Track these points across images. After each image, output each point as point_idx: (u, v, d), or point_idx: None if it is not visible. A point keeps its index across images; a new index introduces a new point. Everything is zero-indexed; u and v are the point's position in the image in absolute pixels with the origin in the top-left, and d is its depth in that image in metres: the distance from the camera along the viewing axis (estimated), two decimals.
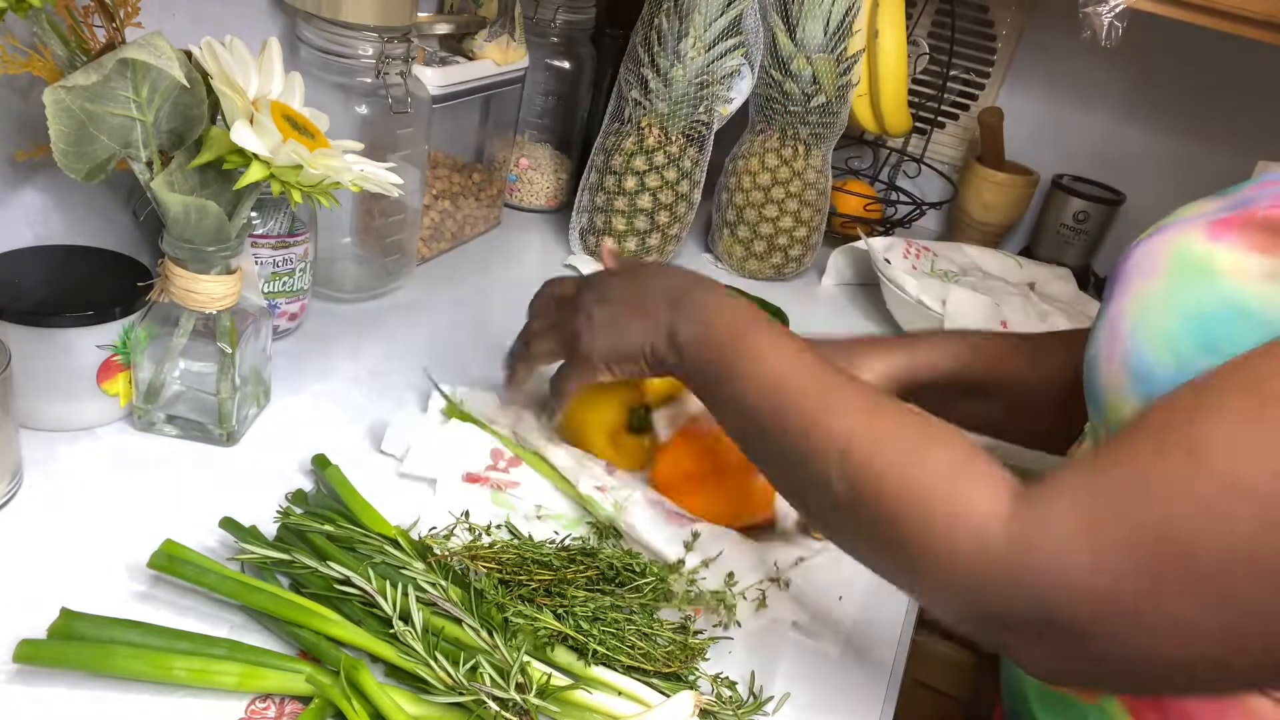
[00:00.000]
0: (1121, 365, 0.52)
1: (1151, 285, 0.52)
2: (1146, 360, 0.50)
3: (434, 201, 1.09)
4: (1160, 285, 0.52)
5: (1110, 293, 0.57)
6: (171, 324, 0.70)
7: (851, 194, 1.39)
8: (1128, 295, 0.54)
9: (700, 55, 1.08)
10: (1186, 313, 0.49)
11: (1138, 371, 0.50)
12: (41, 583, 0.59)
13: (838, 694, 0.63)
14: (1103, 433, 0.55)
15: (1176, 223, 0.56)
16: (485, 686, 0.53)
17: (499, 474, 0.75)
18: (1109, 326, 0.54)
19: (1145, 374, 0.50)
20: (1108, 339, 0.54)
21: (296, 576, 0.60)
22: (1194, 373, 0.46)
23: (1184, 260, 0.51)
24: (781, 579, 0.69)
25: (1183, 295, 0.50)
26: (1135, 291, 0.53)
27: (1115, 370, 0.52)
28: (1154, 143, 1.42)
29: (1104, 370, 0.53)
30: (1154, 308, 0.51)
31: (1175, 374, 0.48)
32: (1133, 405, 0.50)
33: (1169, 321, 0.49)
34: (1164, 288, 0.51)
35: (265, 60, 0.67)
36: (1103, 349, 0.54)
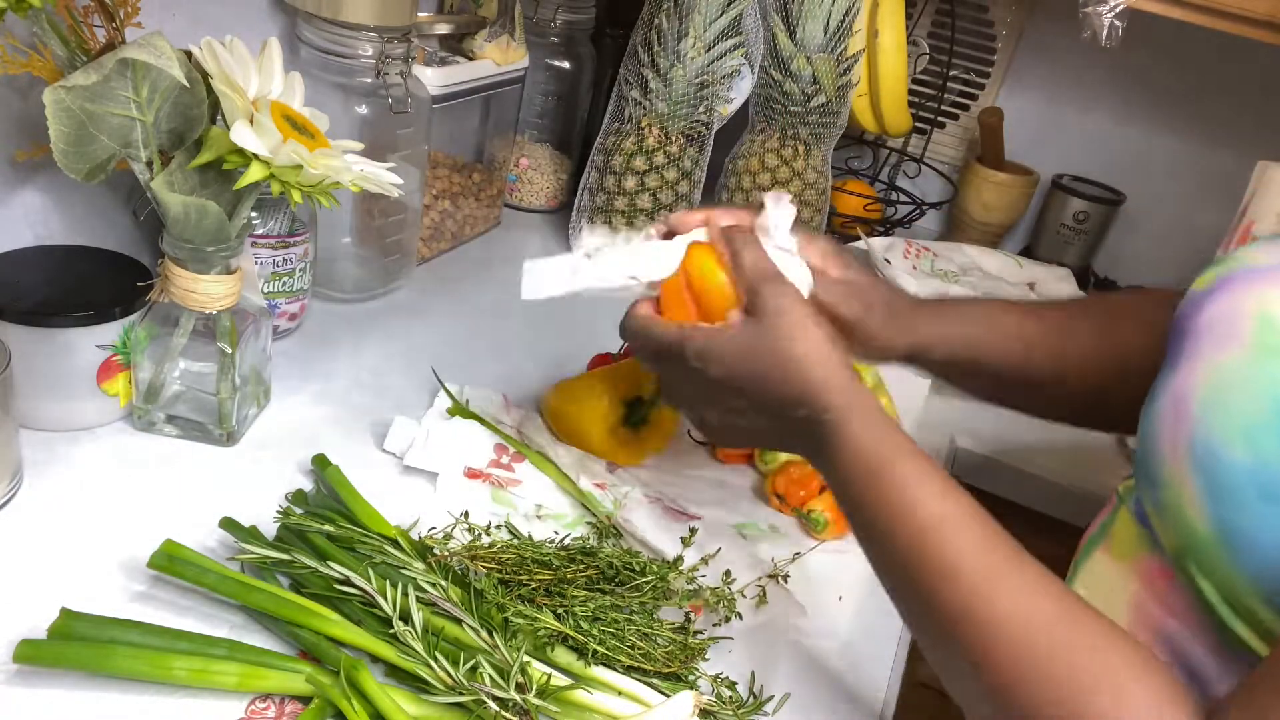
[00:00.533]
0: (1186, 453, 0.44)
1: (1229, 358, 0.45)
2: (1216, 452, 0.43)
3: (434, 201, 1.09)
4: (1240, 360, 0.44)
5: (1176, 355, 0.49)
6: (171, 324, 0.70)
7: (851, 194, 1.39)
8: (1199, 367, 0.46)
9: (700, 55, 1.08)
10: (1270, 401, 0.42)
11: (1204, 463, 0.43)
12: (41, 583, 0.59)
13: (838, 694, 0.63)
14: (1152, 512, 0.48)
15: (1253, 272, 0.48)
16: (485, 686, 0.53)
17: (501, 470, 0.75)
18: (1173, 402, 0.46)
19: (1214, 468, 0.43)
20: (1171, 417, 0.46)
21: (296, 576, 0.60)
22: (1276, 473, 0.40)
23: (1271, 332, 0.44)
24: (780, 574, 0.69)
25: (1265, 378, 0.43)
26: (1207, 363, 0.46)
27: (1179, 459, 0.45)
28: (1154, 143, 1.42)
29: (1164, 453, 0.46)
30: (1233, 388, 0.44)
31: (1253, 471, 0.41)
32: (1196, 501, 0.43)
33: (1252, 408, 0.42)
34: (1245, 364, 0.44)
35: (265, 60, 0.67)
36: (1165, 428, 0.46)
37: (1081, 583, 0.55)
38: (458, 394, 0.82)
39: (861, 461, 0.51)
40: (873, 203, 1.41)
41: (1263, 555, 0.41)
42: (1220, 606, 0.44)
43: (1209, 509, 0.43)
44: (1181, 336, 0.49)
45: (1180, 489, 0.44)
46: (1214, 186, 1.35)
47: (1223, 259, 0.52)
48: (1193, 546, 0.45)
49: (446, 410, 0.79)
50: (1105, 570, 0.53)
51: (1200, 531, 0.44)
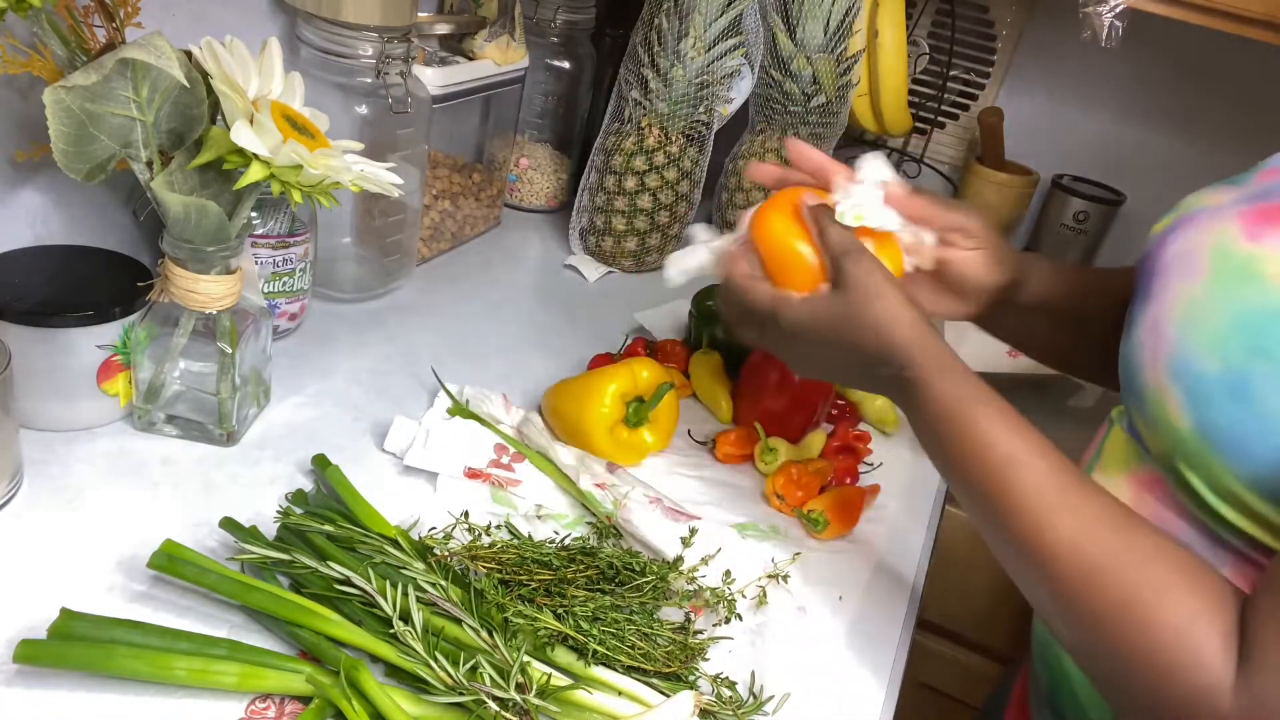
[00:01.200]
0: (1166, 368, 0.52)
1: (1195, 287, 0.52)
2: (1193, 364, 0.50)
3: (434, 201, 1.09)
4: (1204, 287, 0.52)
5: (1146, 289, 0.56)
6: (171, 324, 0.70)
7: None
8: (1169, 295, 0.53)
9: (700, 55, 1.08)
10: (1234, 317, 0.49)
11: (1183, 374, 0.51)
12: (41, 583, 0.59)
13: (838, 694, 0.63)
14: (1141, 425, 0.55)
15: (1202, 213, 0.56)
16: (485, 686, 0.53)
17: (501, 470, 0.75)
18: (1151, 326, 0.54)
19: (1192, 377, 0.50)
20: (1150, 339, 0.54)
21: (296, 576, 0.60)
22: (1242, 377, 0.47)
23: (1227, 262, 0.51)
24: (780, 574, 0.69)
25: (1229, 298, 0.50)
26: (1178, 292, 0.53)
27: (1159, 373, 0.52)
28: (1154, 143, 1.42)
29: (1148, 371, 0.53)
30: (1200, 310, 0.51)
31: (1222, 377, 0.48)
32: (1178, 407, 0.51)
33: (1217, 325, 0.50)
34: (1209, 290, 0.51)
35: (265, 60, 0.67)
36: (1145, 349, 0.54)
37: None
38: (458, 394, 0.82)
39: (941, 408, 0.57)
40: None
41: (1238, 447, 0.48)
42: (1209, 496, 0.51)
43: (1189, 413, 0.50)
44: (1150, 274, 0.57)
45: (1163, 399, 0.52)
46: None
47: (1178, 203, 0.60)
48: (1179, 448, 0.52)
49: (446, 410, 0.79)
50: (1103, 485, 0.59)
51: (1184, 433, 0.51)
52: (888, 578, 0.75)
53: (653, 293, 1.13)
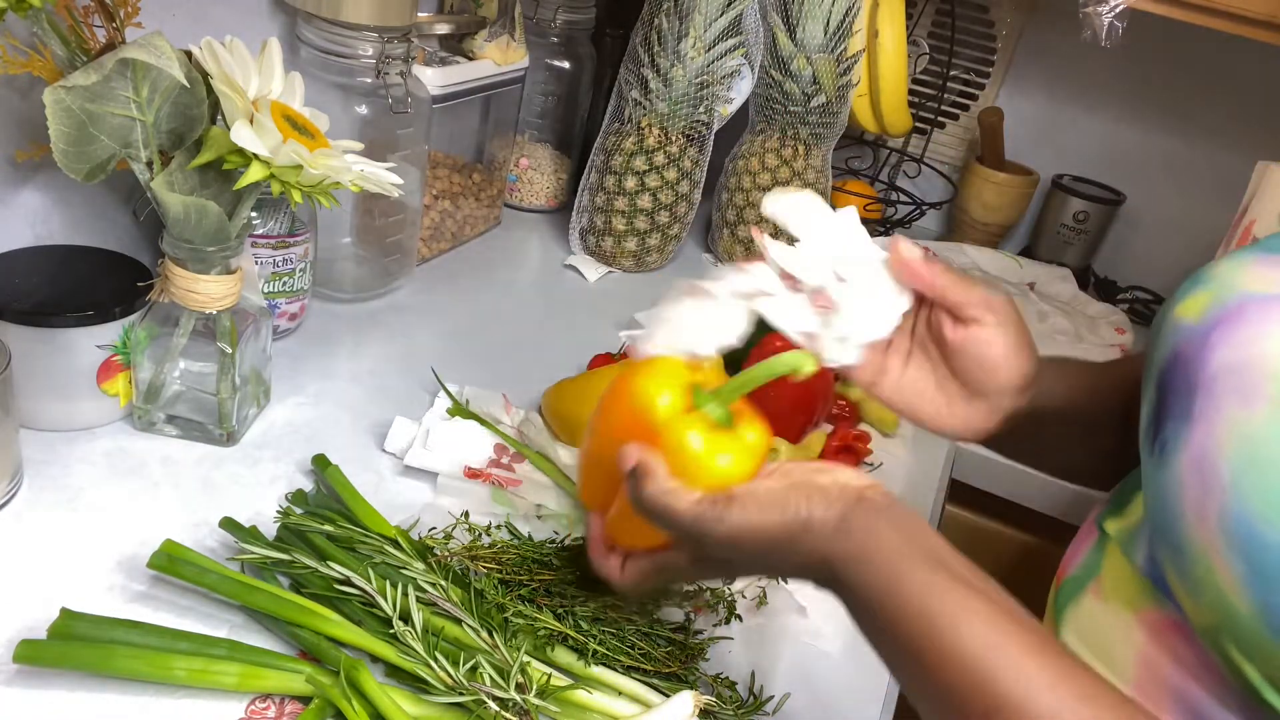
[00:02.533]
0: (1219, 526, 0.40)
1: (1255, 418, 0.40)
2: (1256, 530, 0.38)
3: (434, 201, 1.09)
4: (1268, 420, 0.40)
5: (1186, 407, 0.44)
6: (171, 324, 0.70)
7: (851, 194, 1.39)
8: (1220, 424, 0.41)
9: (700, 55, 1.08)
10: None
11: (1245, 540, 0.39)
12: (41, 583, 0.59)
13: (838, 694, 0.63)
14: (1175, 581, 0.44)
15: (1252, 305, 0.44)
16: (485, 686, 0.53)
17: (501, 470, 0.75)
18: (1196, 463, 0.42)
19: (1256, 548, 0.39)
20: (1195, 480, 0.41)
21: (296, 576, 0.60)
22: None
23: None
24: (780, 579, 0.69)
25: None
26: (1231, 422, 0.41)
27: (1209, 530, 0.40)
28: (1154, 143, 1.42)
29: (1192, 522, 0.41)
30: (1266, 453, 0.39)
31: None
32: (1237, 581, 0.39)
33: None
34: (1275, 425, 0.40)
35: (265, 60, 0.67)
36: (1188, 492, 0.42)
37: (1072, 629, 0.51)
38: (458, 394, 0.82)
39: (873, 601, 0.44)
40: (873, 203, 1.41)
41: None
42: (1264, 688, 0.41)
43: (1252, 592, 0.39)
44: (1189, 386, 0.44)
45: (1213, 565, 0.40)
46: (1214, 186, 1.35)
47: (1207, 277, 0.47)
48: (1231, 627, 0.41)
49: (446, 410, 0.79)
50: (1103, 619, 0.49)
51: (1242, 613, 0.40)
52: None
53: (653, 293, 1.13)
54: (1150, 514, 0.45)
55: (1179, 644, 0.45)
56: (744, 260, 0.54)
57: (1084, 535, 0.55)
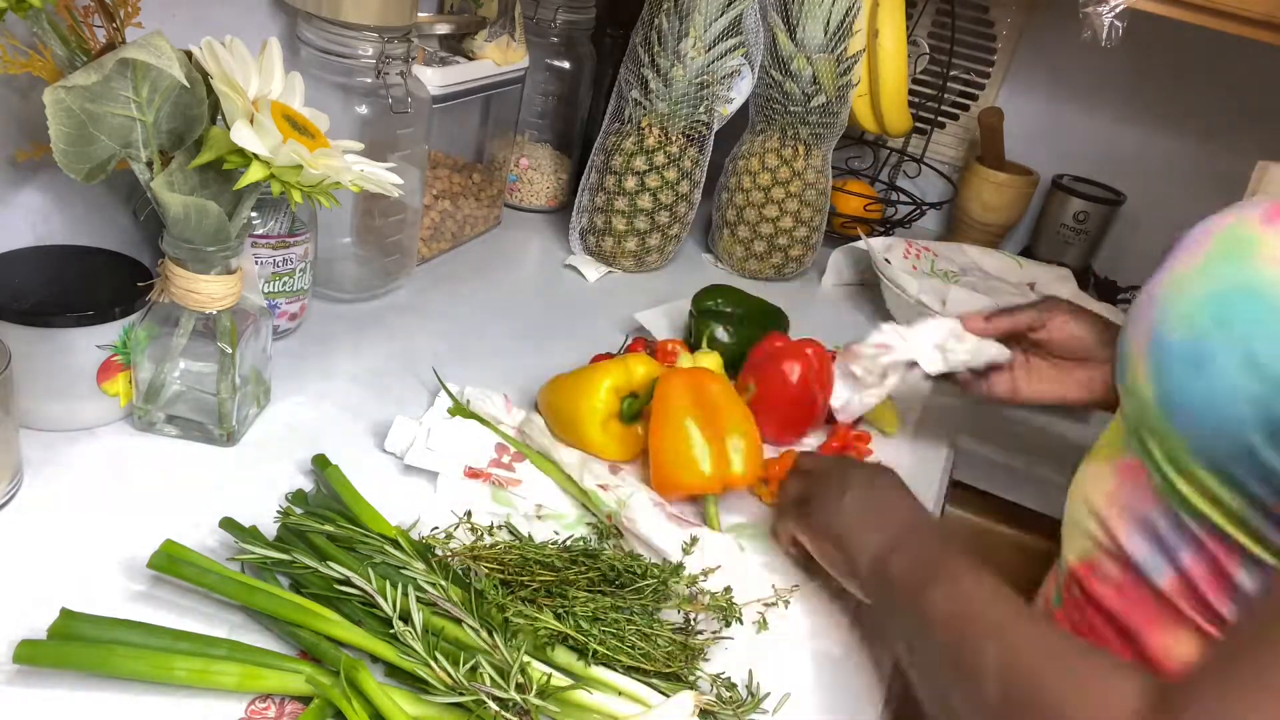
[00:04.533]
0: (1144, 332, 0.55)
1: (1192, 261, 0.54)
2: (1165, 334, 0.53)
3: (434, 201, 1.09)
4: (1199, 262, 0.54)
5: (1159, 264, 0.59)
6: (171, 324, 0.70)
7: (851, 194, 1.39)
8: (1169, 269, 0.56)
9: (700, 55, 1.08)
10: (1212, 290, 0.51)
11: (1155, 343, 0.53)
12: (41, 583, 0.59)
13: (838, 694, 0.63)
14: (1121, 395, 0.59)
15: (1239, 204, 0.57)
16: (485, 686, 0.53)
17: (501, 470, 0.75)
18: (1145, 295, 0.57)
19: (1161, 345, 0.53)
20: (1141, 310, 0.57)
21: (296, 576, 0.60)
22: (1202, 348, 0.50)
23: (1231, 242, 0.53)
24: (781, 600, 0.69)
25: (1215, 273, 0.52)
26: (1177, 266, 0.55)
27: (1138, 344, 0.55)
28: (1154, 143, 1.42)
29: (1130, 338, 0.56)
30: (1187, 283, 0.53)
31: (1186, 346, 0.51)
32: (1145, 375, 0.54)
33: (1194, 297, 0.52)
34: (1201, 265, 0.53)
35: (265, 60, 0.67)
36: (1133, 317, 0.57)
37: (1075, 486, 0.65)
38: (458, 394, 0.82)
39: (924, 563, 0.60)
40: (873, 203, 1.41)
41: (1189, 417, 0.51)
42: (1166, 467, 0.54)
43: (1153, 380, 0.53)
44: (1167, 252, 0.59)
45: (1136, 366, 0.55)
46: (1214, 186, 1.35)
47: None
48: (1144, 415, 0.55)
49: (447, 410, 0.79)
50: (1090, 471, 0.64)
51: (1147, 399, 0.54)
52: None
53: (653, 293, 1.14)
54: (1117, 346, 0.60)
55: (1137, 476, 0.58)
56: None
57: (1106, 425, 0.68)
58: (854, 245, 1.25)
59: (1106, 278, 1.46)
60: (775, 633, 0.67)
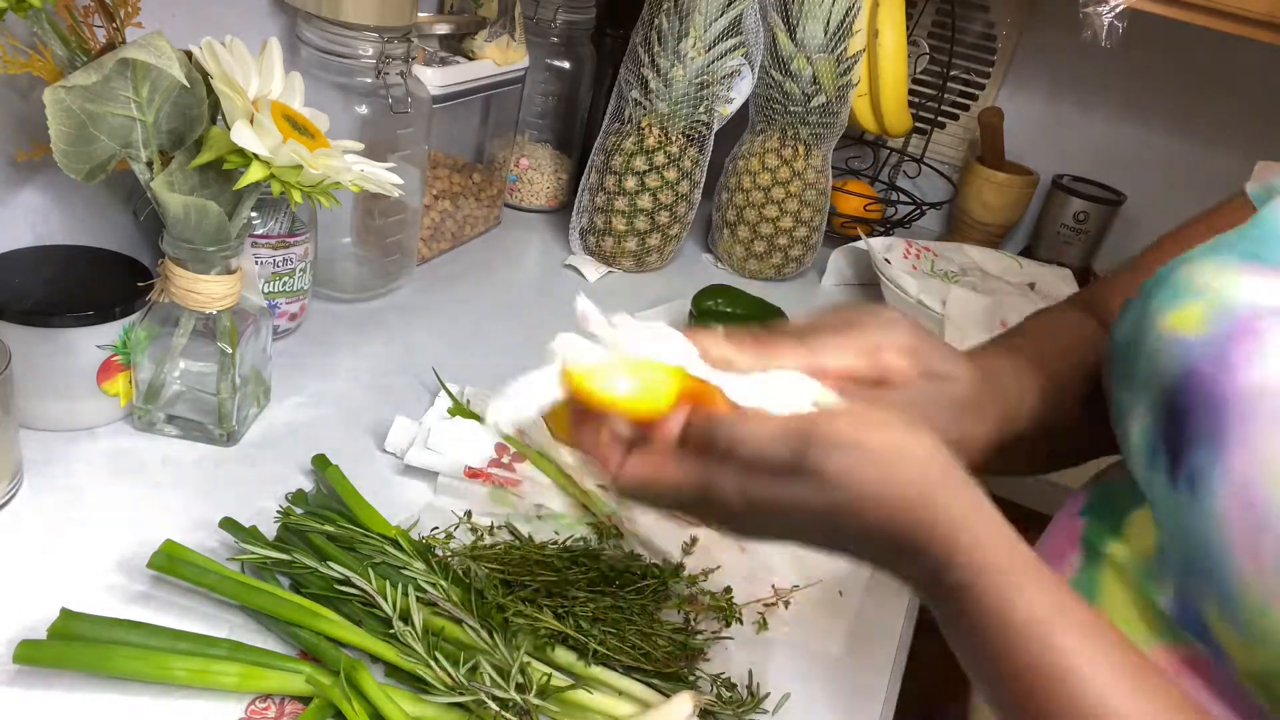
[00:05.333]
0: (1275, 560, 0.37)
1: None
2: None
3: (434, 201, 1.09)
4: None
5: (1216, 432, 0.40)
6: (171, 324, 0.70)
7: (851, 194, 1.39)
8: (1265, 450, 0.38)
9: (700, 55, 1.08)
10: None
11: None
12: (41, 583, 0.59)
13: (838, 694, 0.63)
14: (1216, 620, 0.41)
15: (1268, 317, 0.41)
16: (485, 686, 0.53)
17: (501, 470, 0.75)
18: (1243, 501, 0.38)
19: None
20: (1246, 521, 0.38)
21: (296, 577, 0.60)
22: None
23: None
24: (780, 601, 0.69)
25: None
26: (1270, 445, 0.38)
27: (1269, 573, 0.37)
28: (1154, 143, 1.42)
29: (1244, 566, 0.38)
30: None
31: None
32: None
33: None
34: None
35: (265, 60, 0.67)
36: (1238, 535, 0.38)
37: None
38: (458, 394, 0.82)
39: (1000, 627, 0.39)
40: (873, 203, 1.41)
41: None
42: None
43: None
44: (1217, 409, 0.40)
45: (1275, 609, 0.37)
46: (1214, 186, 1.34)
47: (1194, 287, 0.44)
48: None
49: (447, 410, 0.79)
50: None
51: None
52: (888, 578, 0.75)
53: (653, 293, 1.14)
54: (1182, 553, 0.41)
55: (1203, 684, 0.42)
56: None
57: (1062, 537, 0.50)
58: (854, 245, 1.25)
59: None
60: (775, 633, 0.67)
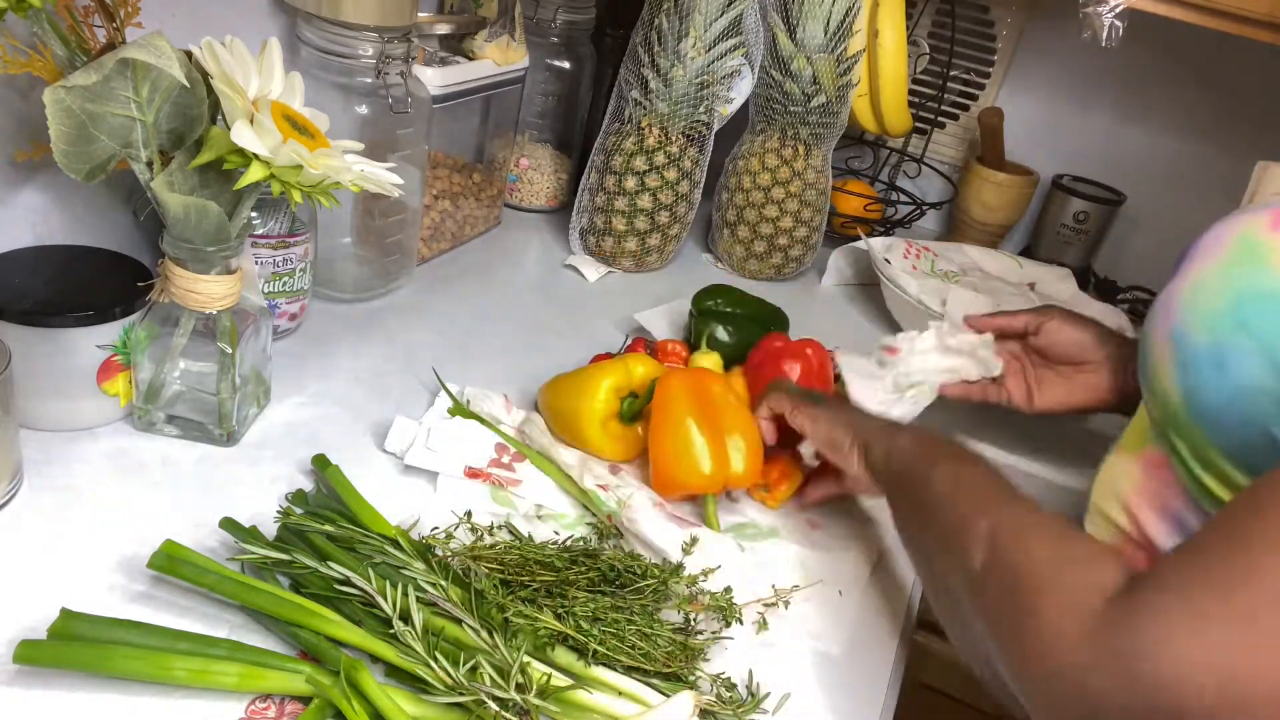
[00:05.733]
0: (1166, 337, 0.58)
1: (1209, 266, 0.57)
2: (1189, 335, 0.56)
3: (434, 201, 1.09)
4: (1216, 267, 0.57)
5: (1175, 270, 0.62)
6: (171, 324, 0.70)
7: (851, 194, 1.39)
8: (1187, 275, 0.59)
9: (700, 55, 1.08)
10: (1232, 295, 0.54)
11: (1179, 344, 0.56)
12: (41, 583, 0.59)
13: (838, 694, 0.63)
14: (1145, 394, 0.61)
15: (1245, 210, 0.60)
16: (485, 686, 0.53)
17: (501, 470, 0.75)
18: (1164, 302, 0.59)
19: (1185, 347, 0.56)
20: (1161, 314, 0.59)
21: (296, 576, 0.60)
22: (1224, 349, 0.53)
23: (1244, 247, 0.56)
24: (780, 601, 0.69)
25: (1233, 278, 0.55)
26: (1194, 272, 0.58)
27: (1160, 344, 0.58)
28: (1154, 143, 1.42)
29: (1153, 342, 0.59)
30: (1206, 288, 0.56)
31: (1209, 348, 0.54)
32: (1170, 375, 0.57)
33: (1215, 301, 0.55)
34: (1220, 270, 0.56)
35: (265, 60, 0.67)
36: (1156, 323, 0.60)
37: (1101, 479, 0.68)
38: (458, 394, 0.82)
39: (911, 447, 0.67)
40: (873, 203, 1.41)
41: (1215, 415, 0.54)
42: (1192, 463, 0.57)
43: (1178, 380, 0.56)
44: (1182, 258, 0.61)
45: (1160, 366, 0.58)
46: (1214, 186, 1.35)
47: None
48: (1170, 413, 0.57)
49: (447, 410, 0.79)
50: (1118, 466, 0.66)
51: (1173, 399, 0.57)
52: (888, 577, 0.75)
53: (653, 293, 1.14)
54: (1139, 356, 0.63)
55: (1163, 471, 0.61)
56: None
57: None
58: (854, 245, 1.25)
59: (1106, 278, 1.46)
60: (775, 633, 0.67)
